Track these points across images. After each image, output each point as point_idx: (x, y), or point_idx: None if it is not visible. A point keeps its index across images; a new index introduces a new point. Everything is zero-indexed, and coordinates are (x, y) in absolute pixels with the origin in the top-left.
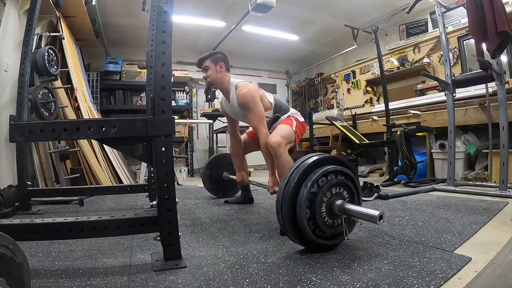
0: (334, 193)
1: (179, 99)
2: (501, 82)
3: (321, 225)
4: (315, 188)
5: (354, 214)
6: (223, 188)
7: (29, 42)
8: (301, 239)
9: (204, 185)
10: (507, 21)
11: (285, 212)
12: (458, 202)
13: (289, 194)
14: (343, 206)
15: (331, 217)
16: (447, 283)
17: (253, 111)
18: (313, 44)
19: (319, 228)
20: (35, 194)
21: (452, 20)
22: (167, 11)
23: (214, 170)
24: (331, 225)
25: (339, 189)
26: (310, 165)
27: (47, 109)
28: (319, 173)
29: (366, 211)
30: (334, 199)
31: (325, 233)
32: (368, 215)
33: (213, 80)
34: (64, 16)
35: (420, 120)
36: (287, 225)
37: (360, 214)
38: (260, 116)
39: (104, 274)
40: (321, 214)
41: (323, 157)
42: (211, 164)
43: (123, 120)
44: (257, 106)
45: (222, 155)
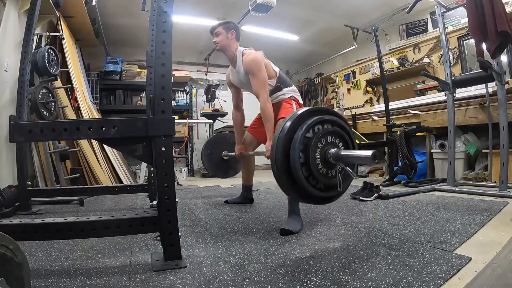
0: (329, 142)
1: (179, 99)
2: (501, 82)
3: (315, 172)
4: (310, 133)
5: (348, 158)
6: (223, 167)
7: (29, 42)
8: (294, 188)
9: (203, 164)
10: (507, 21)
11: (278, 157)
12: (458, 202)
13: (283, 137)
14: (338, 153)
15: (326, 166)
16: (447, 283)
17: (257, 77)
18: (313, 44)
19: (313, 175)
20: (35, 194)
21: (452, 20)
22: (167, 11)
23: (213, 149)
24: (325, 174)
25: (334, 138)
26: (306, 113)
27: (47, 109)
28: (314, 119)
29: (360, 153)
30: (328, 147)
31: (318, 183)
32: (362, 156)
33: (222, 46)
34: (64, 16)
35: (420, 120)
36: (281, 171)
37: (355, 157)
38: (263, 82)
39: (104, 274)
40: (315, 160)
41: (318, 108)
42: (211, 144)
43: (123, 120)
44: (261, 72)
45: (221, 134)
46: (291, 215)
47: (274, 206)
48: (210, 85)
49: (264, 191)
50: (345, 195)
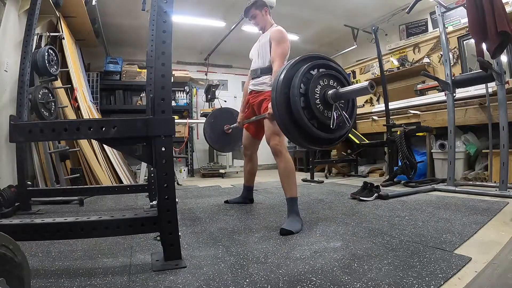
0: (324, 85)
1: (179, 99)
2: (501, 82)
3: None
4: (309, 75)
5: (347, 94)
6: (222, 140)
7: (29, 42)
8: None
9: (204, 133)
10: (507, 21)
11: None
12: (458, 202)
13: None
14: (336, 93)
15: (328, 108)
16: (447, 283)
17: (280, 46)
18: (313, 44)
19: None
20: (35, 194)
21: (452, 20)
22: (167, 11)
23: (217, 119)
24: (327, 115)
25: (328, 81)
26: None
27: (47, 109)
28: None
29: (357, 86)
30: (326, 90)
31: (320, 124)
32: (359, 88)
33: (262, 26)
34: (64, 16)
35: (420, 120)
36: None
37: (353, 91)
38: (284, 52)
39: (104, 274)
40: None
41: (304, 56)
42: (215, 113)
43: (123, 120)
44: (285, 43)
45: (229, 109)
46: (291, 215)
47: (274, 206)
48: (210, 85)
49: (264, 191)
50: (345, 195)
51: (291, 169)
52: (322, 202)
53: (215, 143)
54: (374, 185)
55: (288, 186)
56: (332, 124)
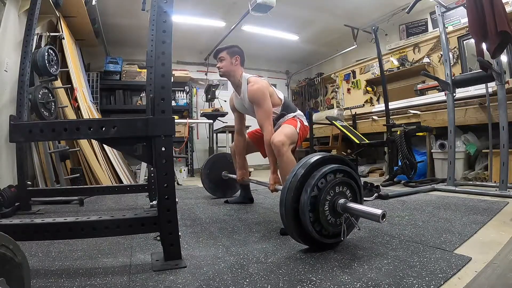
0: (336, 192)
1: (179, 99)
2: (501, 82)
3: (325, 225)
4: (316, 191)
5: (357, 212)
6: (222, 187)
7: (29, 42)
8: (307, 239)
9: (203, 184)
10: (507, 21)
11: (289, 219)
12: (458, 202)
13: (290, 201)
14: (345, 205)
15: (334, 216)
16: (447, 283)
17: (262, 107)
18: (313, 44)
19: (324, 228)
20: (35, 194)
21: (452, 20)
22: (167, 11)
23: (213, 169)
24: (335, 223)
25: (341, 188)
26: (309, 168)
27: (47, 109)
28: (317, 176)
29: (369, 210)
30: (337, 198)
31: (324, 230)
32: (371, 213)
33: (226, 72)
34: (64, 16)
35: (420, 120)
36: (293, 229)
37: (363, 213)
38: (267, 113)
39: (104, 274)
40: (324, 215)
41: (322, 158)
42: (210, 163)
43: (123, 120)
44: (266, 102)
45: (221, 154)
46: None
47: (274, 206)
48: (210, 85)
49: (264, 191)
50: None
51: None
52: None
53: (216, 192)
54: (374, 185)
55: None
56: (343, 236)
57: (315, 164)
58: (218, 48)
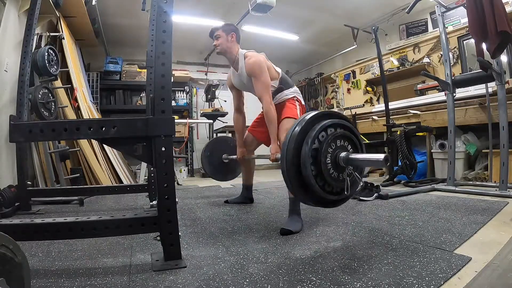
0: (338, 146)
1: (179, 99)
2: (501, 82)
3: (326, 175)
4: (316, 144)
5: (360, 162)
6: (222, 170)
7: (29, 42)
8: (309, 195)
9: (203, 166)
10: (507, 21)
11: (289, 162)
12: (458, 202)
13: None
14: (348, 157)
15: (337, 170)
16: (447, 283)
17: (260, 80)
18: (313, 44)
19: (323, 179)
20: (35, 194)
21: (452, 20)
22: (167, 11)
23: (213, 151)
24: (336, 178)
25: (342, 142)
26: (308, 122)
27: (47, 109)
28: (318, 128)
29: (372, 156)
30: (338, 151)
31: (328, 186)
32: (374, 159)
33: (223, 49)
34: (64, 16)
35: (420, 120)
36: (291, 176)
37: (366, 160)
38: (266, 84)
39: (104, 274)
40: (327, 168)
41: (321, 112)
42: (211, 146)
43: (123, 120)
44: (263, 74)
45: (223, 137)
46: (291, 215)
47: (274, 206)
48: (210, 85)
49: (264, 191)
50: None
51: None
52: None
53: (216, 175)
54: (374, 185)
55: None
56: (346, 189)
57: (314, 117)
58: (213, 27)
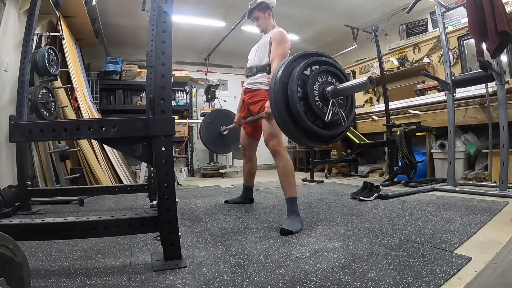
0: (323, 81)
1: (179, 99)
2: (501, 82)
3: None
4: (308, 71)
5: (346, 89)
6: (217, 141)
7: (29, 42)
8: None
9: (200, 133)
10: (507, 21)
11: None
12: (458, 202)
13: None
14: (334, 89)
15: (324, 103)
16: (447, 283)
17: (281, 46)
18: (313, 44)
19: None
20: (35, 194)
21: (452, 20)
22: (167, 11)
23: (214, 120)
24: (323, 110)
25: (326, 78)
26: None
27: (47, 109)
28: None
29: (356, 81)
30: (324, 86)
31: (318, 119)
32: (359, 83)
33: (265, 28)
34: (64, 16)
35: (420, 120)
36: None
37: (352, 86)
38: (284, 53)
39: (104, 274)
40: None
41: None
42: (213, 114)
43: (123, 120)
44: (286, 44)
45: (226, 110)
46: (291, 215)
47: (274, 206)
48: (210, 85)
49: (264, 191)
50: (345, 195)
51: (290, 169)
52: (322, 202)
53: (209, 144)
54: (374, 185)
55: (287, 186)
56: (326, 118)
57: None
58: (250, 9)
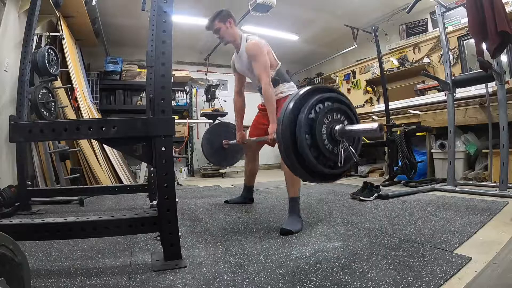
0: (333, 119)
1: (179, 99)
2: (501, 82)
3: (326, 153)
4: (313, 114)
5: (355, 132)
6: (219, 155)
7: (29, 42)
8: (309, 173)
9: (202, 148)
10: (507, 21)
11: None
12: (458, 202)
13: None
14: (343, 129)
15: (334, 143)
16: (447, 283)
17: (259, 60)
18: (313, 44)
19: (325, 157)
20: (35, 194)
21: (452, 20)
22: (167, 11)
23: (214, 135)
24: (332, 151)
25: (338, 115)
26: (304, 94)
27: (47, 109)
28: (314, 100)
29: (366, 126)
30: (333, 125)
31: (326, 160)
32: (369, 129)
33: (227, 39)
34: (64, 16)
35: (420, 120)
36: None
37: (361, 130)
38: (265, 65)
39: (104, 274)
40: (323, 143)
41: (313, 87)
42: (213, 129)
43: (123, 120)
44: (263, 55)
45: (224, 122)
46: (291, 215)
47: (274, 206)
48: (210, 85)
49: (264, 191)
50: (345, 195)
51: None
52: (322, 202)
53: (211, 157)
54: (374, 185)
55: (292, 186)
56: (340, 162)
57: (307, 93)
58: (209, 21)
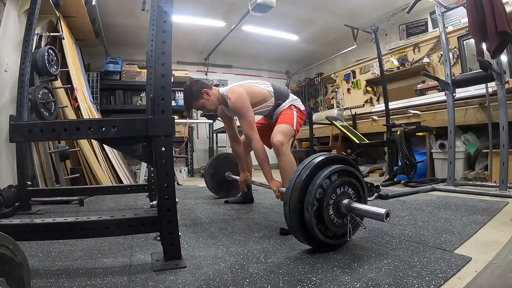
0: (342, 192)
1: (179, 99)
2: (501, 82)
3: (330, 226)
4: (320, 191)
5: (361, 212)
6: (225, 187)
7: (29, 42)
8: (311, 240)
9: (206, 184)
10: (507, 21)
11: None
12: (458, 202)
13: (294, 204)
14: (350, 205)
15: (339, 216)
16: (447, 283)
17: (245, 119)
18: (313, 44)
19: (329, 229)
20: (35, 194)
21: (452, 20)
22: (167, 11)
23: (216, 169)
24: (340, 224)
25: (345, 188)
26: (313, 168)
27: (47, 109)
28: (322, 176)
29: (373, 210)
30: (341, 198)
31: (328, 231)
32: (375, 213)
33: (212, 110)
34: (64, 16)
35: (420, 120)
36: (297, 229)
37: (367, 212)
38: (251, 124)
39: (104, 274)
40: (329, 215)
41: (326, 158)
42: (214, 163)
43: (123, 120)
44: (247, 112)
45: (225, 154)
46: None
47: (274, 206)
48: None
49: (264, 191)
50: None
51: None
52: None
53: (219, 192)
54: (374, 185)
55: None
56: (349, 235)
57: (319, 164)
58: (185, 105)
